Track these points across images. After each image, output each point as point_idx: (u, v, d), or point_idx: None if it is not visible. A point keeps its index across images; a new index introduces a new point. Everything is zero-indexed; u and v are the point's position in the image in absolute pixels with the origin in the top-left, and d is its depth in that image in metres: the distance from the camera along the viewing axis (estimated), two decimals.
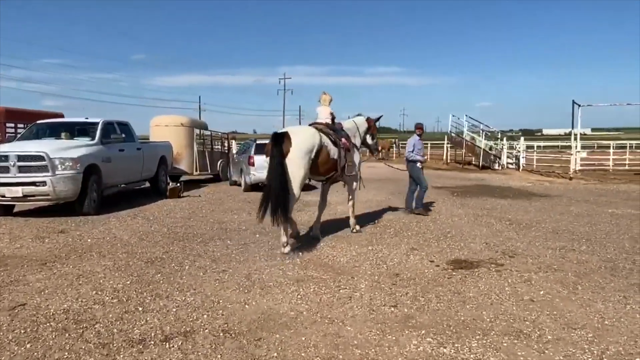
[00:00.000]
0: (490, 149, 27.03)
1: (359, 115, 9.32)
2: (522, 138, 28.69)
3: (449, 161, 29.92)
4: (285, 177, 6.80)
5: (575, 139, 20.97)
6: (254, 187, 14.73)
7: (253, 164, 14.57)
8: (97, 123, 11.49)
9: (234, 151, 22.09)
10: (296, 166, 6.92)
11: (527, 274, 5.88)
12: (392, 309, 4.75)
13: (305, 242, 7.66)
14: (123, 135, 11.97)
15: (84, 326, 4.27)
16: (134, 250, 7.06)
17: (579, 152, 21.60)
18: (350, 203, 8.59)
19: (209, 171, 18.94)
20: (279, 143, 6.88)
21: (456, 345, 3.93)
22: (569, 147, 22.85)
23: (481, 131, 27.64)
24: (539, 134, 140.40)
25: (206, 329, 4.24)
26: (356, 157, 8.55)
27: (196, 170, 17.87)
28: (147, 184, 14.17)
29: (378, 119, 9.40)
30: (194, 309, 4.69)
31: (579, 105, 20.50)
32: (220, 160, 19.94)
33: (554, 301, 4.94)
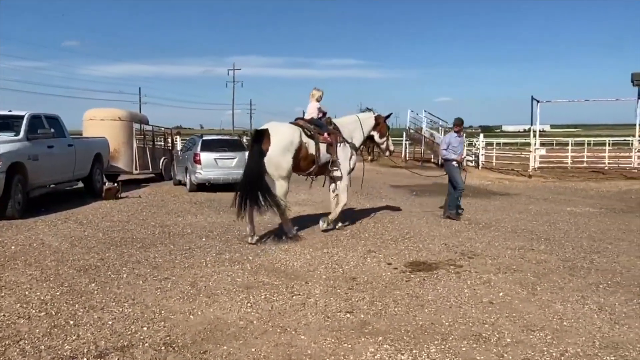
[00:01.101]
0: None
1: (368, 110, 9.31)
2: (481, 135, 29.58)
3: (407, 158, 30.48)
4: (261, 174, 7.49)
5: (535, 135, 21.84)
6: (200, 186, 14.49)
7: (199, 162, 14.33)
8: (23, 117, 10.94)
9: (179, 148, 21.66)
10: (275, 164, 7.61)
11: (487, 275, 6.07)
12: (348, 315, 4.78)
13: (255, 246, 7.60)
14: (52, 130, 11.45)
15: (6, 343, 4.06)
16: (64, 257, 6.78)
17: (538, 149, 22.52)
18: (339, 201, 8.73)
19: (151, 170, 18.48)
20: (258, 140, 7.58)
21: (414, 351, 4.01)
22: (529, 144, 23.76)
23: (440, 127, 28.32)
24: (499, 130, 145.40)
25: (146, 342, 4.13)
26: (344, 153, 8.64)
27: (136, 169, 17.37)
28: (81, 184, 13.65)
29: (388, 116, 9.43)
30: (133, 321, 4.55)
31: (538, 102, 21.35)
32: (163, 158, 19.49)
33: (513, 303, 5.13)
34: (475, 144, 28.31)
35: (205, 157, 14.44)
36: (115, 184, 13.55)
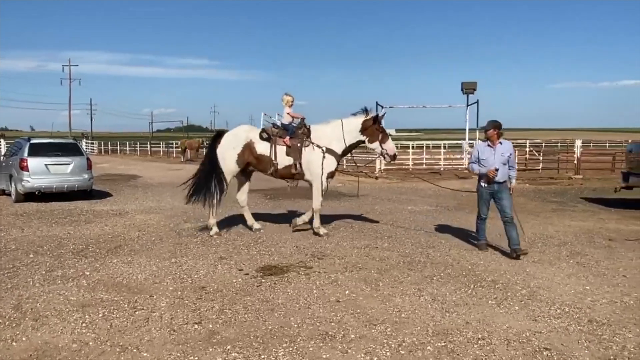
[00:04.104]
0: None
1: (363, 111, 8.82)
2: None
3: None
4: (213, 167, 8.75)
5: None
6: (28, 196, 13.06)
7: (26, 169, 12.93)
8: None
9: (2, 152, 19.35)
10: (221, 159, 8.75)
11: (334, 274, 6.37)
12: (196, 326, 4.69)
13: (95, 257, 7.09)
14: None
15: None
16: None
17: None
18: (314, 206, 8.72)
19: None
20: (215, 139, 9.06)
21: (262, 356, 4.06)
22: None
23: None
24: None
25: None
26: (312, 156, 8.56)
27: None
28: None
29: (374, 118, 8.76)
30: None
31: (382, 107, 22.98)
32: None
33: (358, 299, 5.45)
34: None
35: (34, 162, 13.07)
36: None
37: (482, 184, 7.49)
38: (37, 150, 13.50)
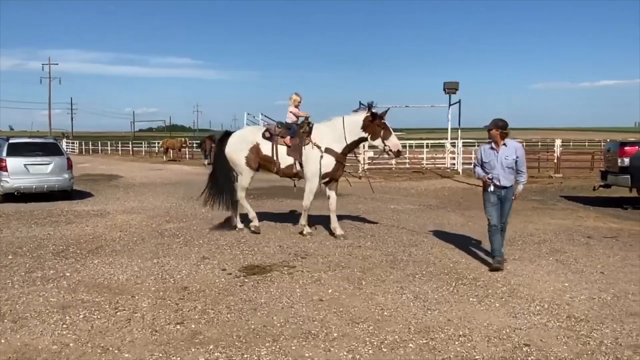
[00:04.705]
0: None
1: (364, 107, 8.50)
2: None
3: None
4: (227, 167, 9.00)
5: None
6: (7, 196, 12.87)
7: (5, 169, 12.75)
8: None
9: None
10: (230, 160, 8.91)
11: (318, 273, 6.39)
12: (178, 326, 4.67)
13: (76, 258, 7.01)
14: None
15: None
16: None
17: (367, 151, 24.28)
18: (303, 204, 8.69)
19: None
20: (223, 139, 9.19)
21: (245, 355, 4.06)
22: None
23: None
24: None
25: None
26: (309, 156, 8.49)
27: None
28: None
29: (375, 115, 8.34)
30: None
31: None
32: None
33: (341, 298, 5.48)
34: None
35: (13, 162, 12.89)
36: None
37: (488, 189, 6.69)
38: (16, 150, 13.30)
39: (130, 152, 48.54)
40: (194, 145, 40.71)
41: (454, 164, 22.73)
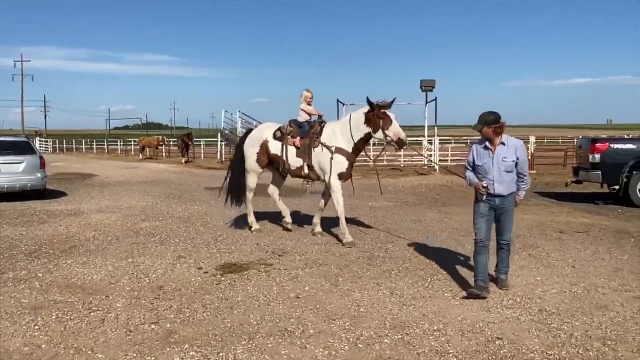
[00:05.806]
0: None
1: (369, 104, 7.98)
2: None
3: (223, 160, 30.44)
4: (238, 167, 9.07)
5: None
6: None
7: None
8: None
9: None
10: (244, 157, 8.95)
11: (295, 271, 6.39)
12: (153, 326, 4.63)
13: (49, 258, 6.89)
14: None
15: None
16: None
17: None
18: (338, 210, 8.15)
19: None
20: (244, 137, 9.32)
21: (221, 354, 4.05)
22: None
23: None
24: None
25: None
26: (321, 158, 8.15)
27: None
28: None
29: (370, 105, 7.90)
30: None
31: (343, 104, 23.11)
32: None
33: (318, 295, 5.49)
34: None
35: None
36: None
37: (480, 197, 5.50)
38: None
39: (106, 151, 47.76)
40: (171, 143, 40.28)
41: (431, 162, 22.91)
